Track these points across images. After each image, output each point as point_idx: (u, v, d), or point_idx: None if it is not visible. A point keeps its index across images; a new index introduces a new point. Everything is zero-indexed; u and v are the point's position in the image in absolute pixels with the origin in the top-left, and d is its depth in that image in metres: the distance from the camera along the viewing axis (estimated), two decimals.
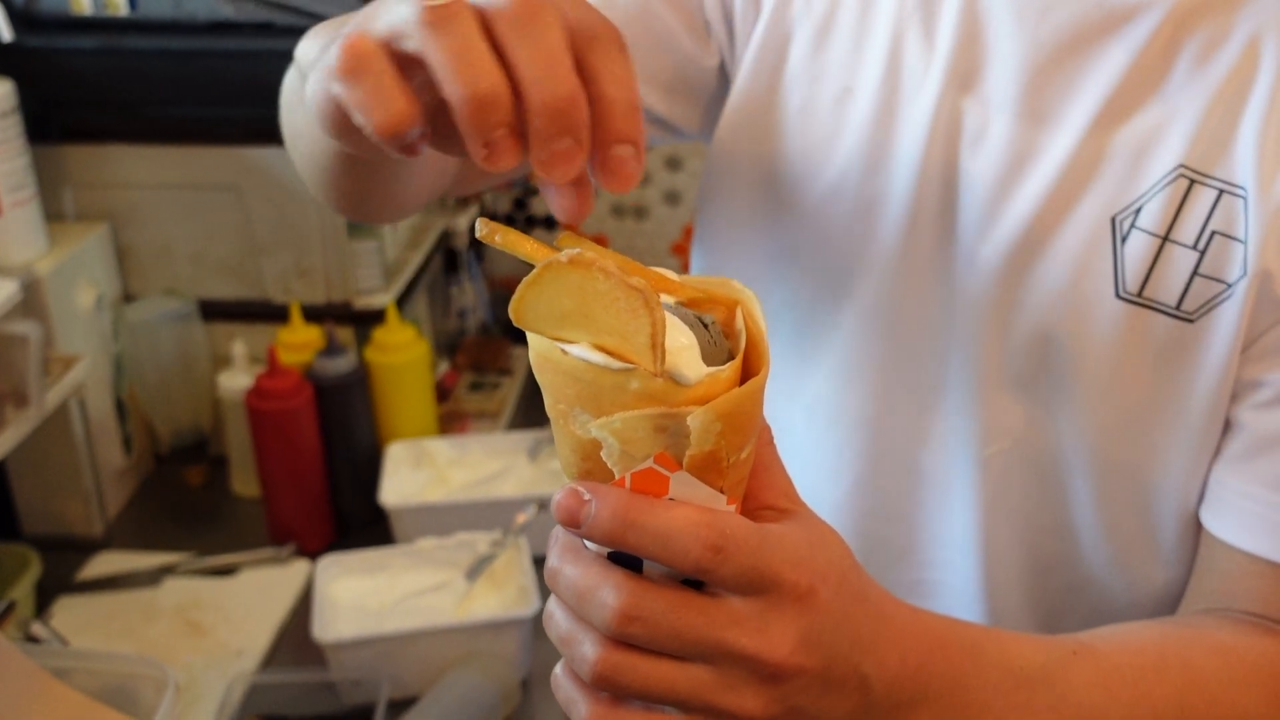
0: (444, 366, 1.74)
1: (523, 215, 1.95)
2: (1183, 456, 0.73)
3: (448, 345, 1.84)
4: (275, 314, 1.51)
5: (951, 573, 0.83)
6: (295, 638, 1.29)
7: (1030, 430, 0.76)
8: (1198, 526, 0.75)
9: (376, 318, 1.50)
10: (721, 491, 0.50)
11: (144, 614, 1.33)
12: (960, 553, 0.82)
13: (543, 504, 1.35)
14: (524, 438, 1.50)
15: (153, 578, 1.38)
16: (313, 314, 1.49)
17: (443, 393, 1.68)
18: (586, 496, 0.49)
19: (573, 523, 0.50)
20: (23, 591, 1.27)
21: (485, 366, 1.79)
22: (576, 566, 0.52)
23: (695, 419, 0.47)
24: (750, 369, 0.50)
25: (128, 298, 1.53)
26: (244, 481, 1.53)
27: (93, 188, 1.49)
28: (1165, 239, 0.69)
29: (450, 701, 1.15)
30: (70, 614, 1.32)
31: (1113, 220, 0.71)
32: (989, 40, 0.74)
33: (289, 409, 1.37)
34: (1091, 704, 0.62)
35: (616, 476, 0.49)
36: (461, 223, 1.77)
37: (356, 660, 1.19)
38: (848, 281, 0.80)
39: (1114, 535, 0.77)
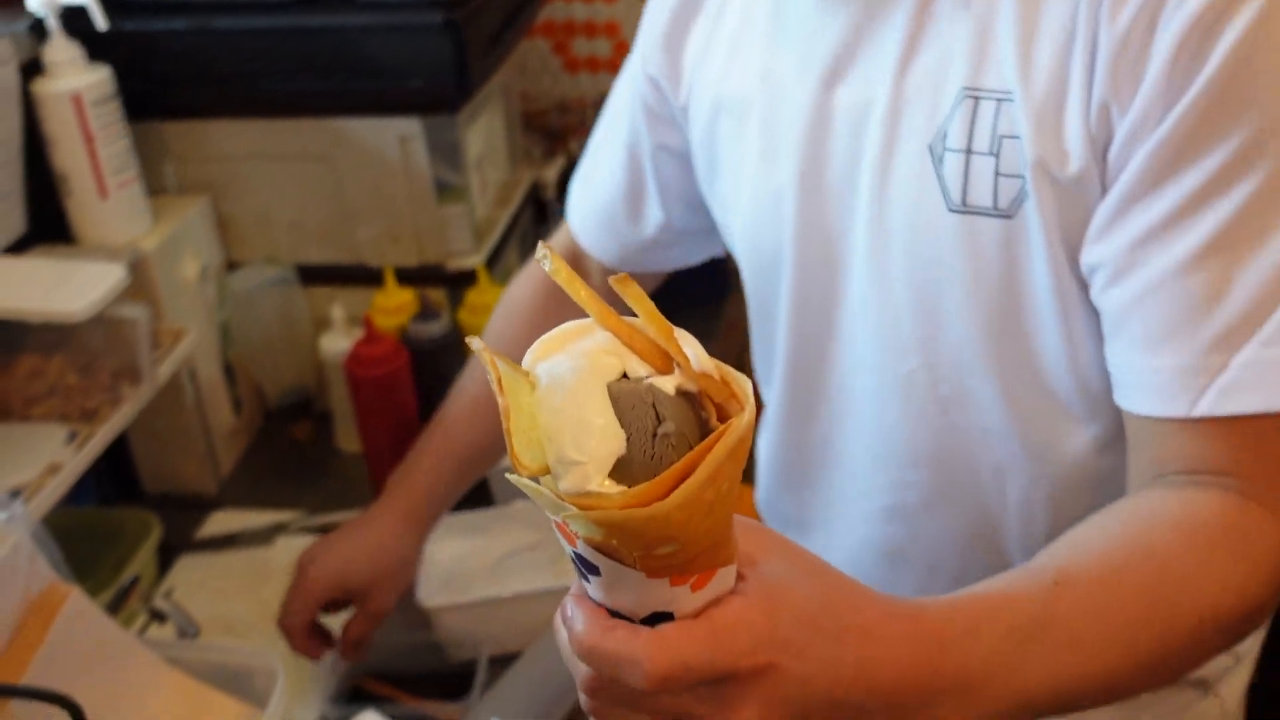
0: None
1: None
2: (1055, 338, 0.81)
3: None
4: (371, 277, 1.56)
5: (892, 477, 0.92)
6: (401, 595, 1.35)
7: (931, 345, 0.85)
8: (1099, 391, 0.82)
9: (469, 279, 1.54)
10: (637, 569, 0.52)
11: (258, 573, 1.40)
12: (898, 462, 0.91)
13: None
14: None
15: (266, 536, 1.45)
16: (406, 276, 1.53)
17: None
18: (569, 614, 0.57)
19: (564, 626, 0.58)
20: (145, 558, 1.35)
21: (575, 315, 1.82)
22: (561, 632, 0.59)
23: (570, 518, 0.50)
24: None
25: (230, 266, 1.58)
26: (348, 437, 1.59)
27: (192, 161, 1.54)
28: (968, 152, 0.79)
29: (549, 660, 1.21)
30: (190, 573, 1.40)
31: (929, 147, 0.80)
32: (792, 36, 0.88)
33: (386, 375, 1.42)
34: (1082, 631, 0.67)
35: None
36: (549, 174, 1.79)
37: (458, 620, 1.25)
38: (777, 264, 0.92)
39: (1023, 421, 0.85)
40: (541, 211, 1.83)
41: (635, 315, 0.52)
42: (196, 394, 1.49)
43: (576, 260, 1.18)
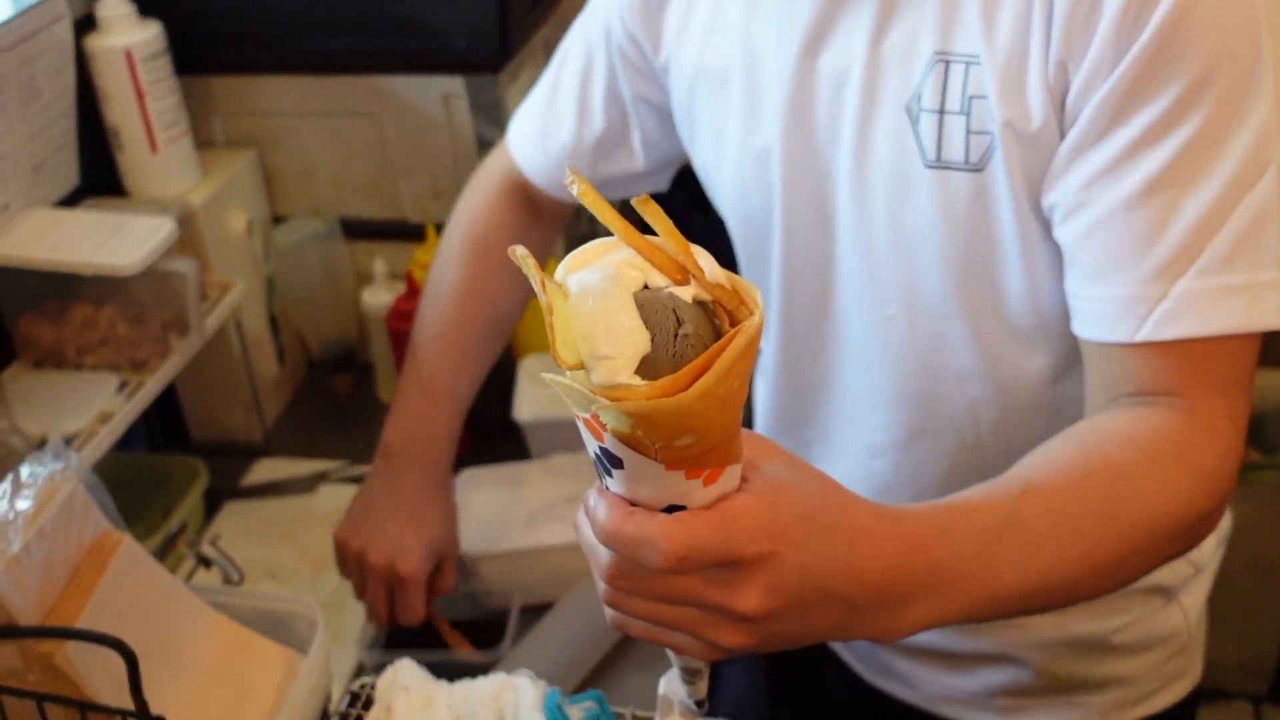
0: None
1: None
2: (1019, 277, 0.88)
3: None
4: (413, 232, 1.59)
5: (877, 416, 0.99)
6: None
7: (910, 291, 0.92)
8: (1058, 325, 0.89)
9: None
10: (657, 460, 0.57)
11: (301, 520, 1.45)
12: (883, 401, 0.98)
13: None
14: None
15: (308, 484, 1.50)
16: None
17: None
18: (591, 504, 0.62)
19: (587, 518, 0.63)
20: (192, 503, 1.39)
21: None
22: (583, 526, 0.64)
23: (601, 409, 0.55)
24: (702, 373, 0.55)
25: (275, 220, 1.61)
26: (388, 388, 1.62)
27: (240, 116, 1.57)
28: (942, 112, 0.85)
29: (580, 612, 1.24)
30: (235, 519, 1.45)
31: (906, 108, 0.87)
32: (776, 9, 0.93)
33: None
34: (1047, 531, 0.73)
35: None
36: None
37: (493, 570, 1.29)
38: (768, 223, 0.98)
39: (993, 361, 0.93)
40: None
41: (655, 234, 0.57)
42: (243, 345, 1.53)
43: (511, 181, 1.22)
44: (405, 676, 0.94)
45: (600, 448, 0.59)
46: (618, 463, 0.59)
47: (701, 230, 2.02)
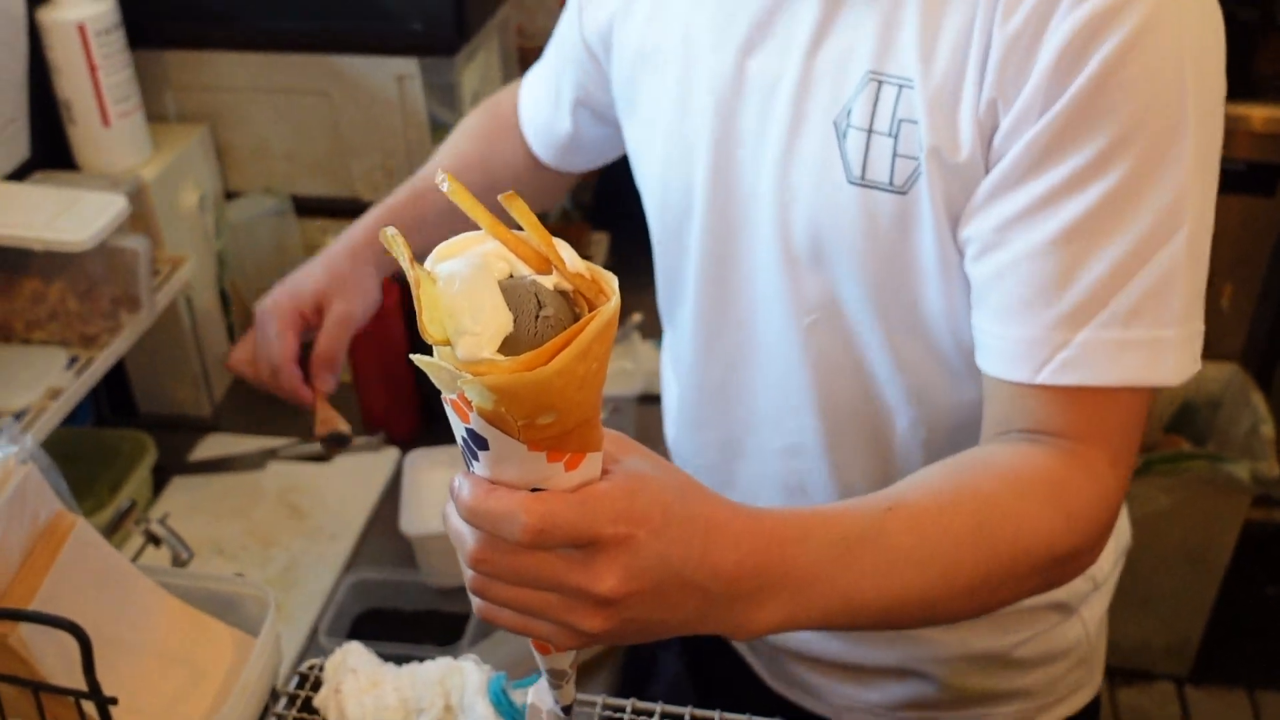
0: None
1: None
2: (938, 303, 0.88)
3: None
4: (364, 210, 1.58)
5: (800, 430, 0.99)
6: (386, 523, 1.41)
7: (830, 300, 0.92)
8: (973, 348, 0.89)
9: None
10: (520, 440, 0.60)
11: (250, 496, 1.46)
12: (800, 404, 0.98)
13: (617, 406, 1.44)
14: None
15: (257, 461, 1.50)
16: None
17: None
18: (456, 485, 0.65)
19: (452, 500, 0.65)
20: (140, 478, 1.40)
21: None
22: (450, 513, 0.67)
23: (466, 384, 0.57)
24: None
25: (228, 195, 1.61)
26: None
27: (193, 90, 1.57)
28: (870, 131, 0.85)
29: None
30: (183, 494, 1.46)
31: (834, 123, 0.87)
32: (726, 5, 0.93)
33: (379, 310, 1.46)
34: (907, 548, 0.76)
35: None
36: None
37: (441, 549, 1.30)
38: (688, 213, 0.98)
39: (911, 377, 0.93)
40: None
41: (522, 229, 0.60)
42: (193, 320, 1.53)
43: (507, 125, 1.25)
44: (354, 659, 0.95)
45: (467, 429, 0.61)
46: (483, 444, 0.61)
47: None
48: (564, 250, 0.60)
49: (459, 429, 0.62)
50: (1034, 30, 0.78)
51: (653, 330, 1.62)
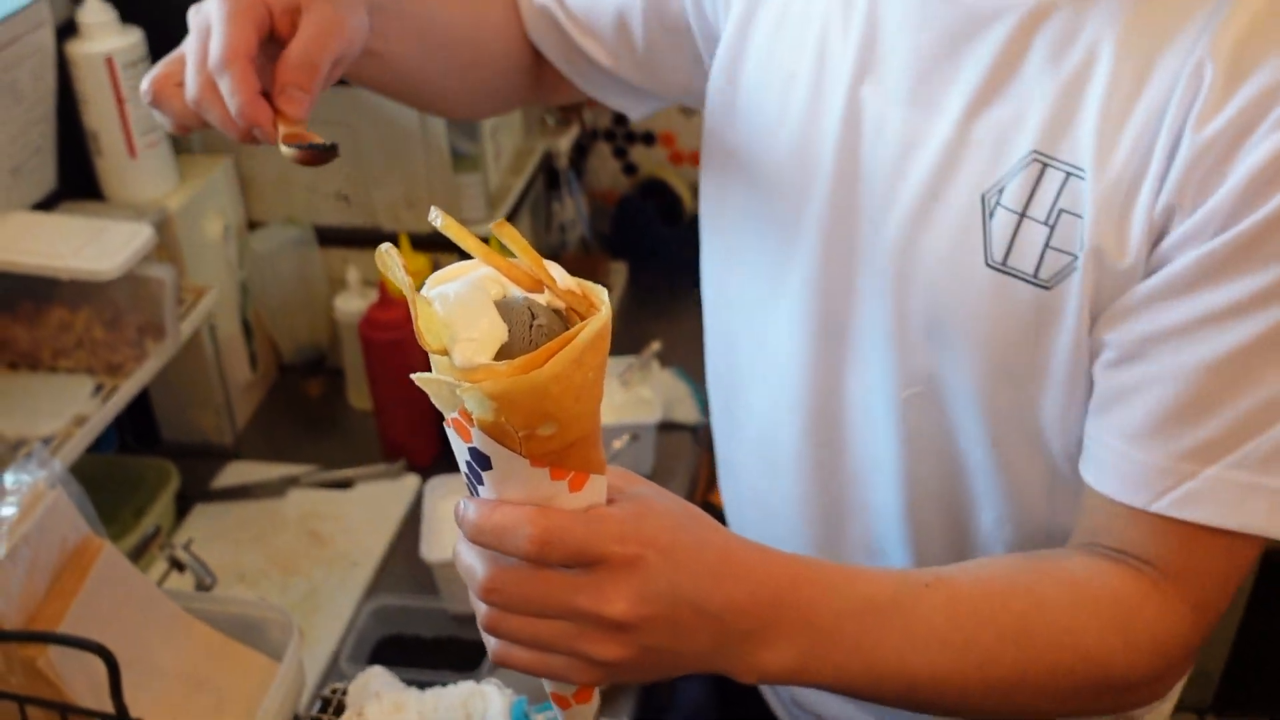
0: None
1: (623, 131, 2.01)
2: (1056, 405, 0.82)
3: (549, 258, 1.91)
4: (386, 240, 1.60)
5: (877, 493, 0.94)
6: (406, 550, 1.41)
7: (936, 377, 0.86)
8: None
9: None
10: (522, 454, 0.60)
11: (271, 523, 1.47)
12: (885, 477, 0.93)
13: (635, 434, 1.45)
14: (615, 363, 1.57)
15: (278, 488, 1.51)
16: (420, 242, 1.58)
17: None
18: (461, 509, 0.64)
19: (457, 523, 0.65)
20: (164, 505, 1.41)
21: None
22: (460, 548, 0.66)
23: (464, 392, 0.58)
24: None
25: (251, 225, 1.63)
26: (359, 394, 1.64)
27: None
28: (1023, 215, 0.78)
29: None
30: (205, 522, 1.46)
31: (982, 198, 0.80)
32: (885, 36, 0.84)
33: (399, 338, 1.48)
34: (938, 628, 0.72)
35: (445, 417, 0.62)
36: (563, 143, 1.84)
37: (459, 576, 1.31)
38: (790, 251, 0.92)
39: (1009, 474, 0.87)
40: (554, 179, 1.88)
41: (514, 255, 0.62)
42: (216, 349, 1.54)
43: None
44: (377, 683, 0.96)
45: (470, 450, 0.62)
46: (486, 463, 0.62)
47: (668, 242, 2.04)
48: (554, 270, 0.62)
49: (462, 453, 0.63)
50: (1230, 142, 0.71)
51: (671, 358, 1.63)
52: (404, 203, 1.60)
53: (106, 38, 1.39)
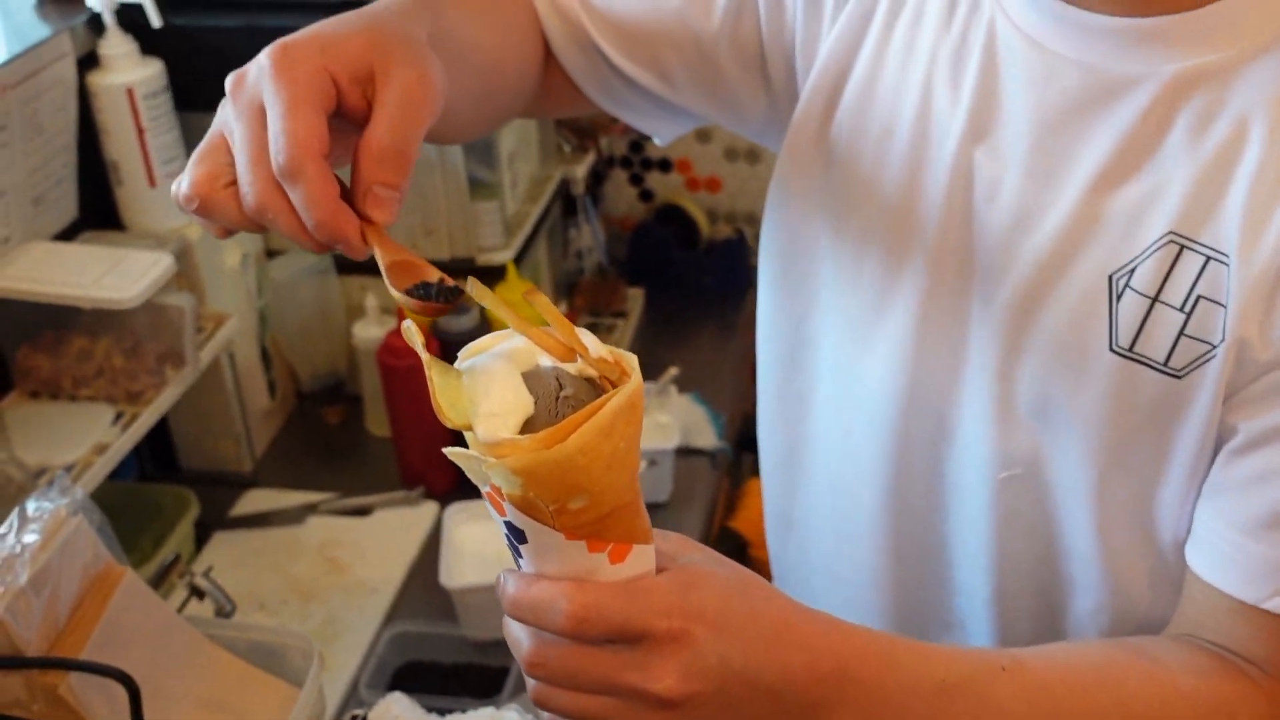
0: (563, 308, 1.83)
1: (639, 157, 2.02)
2: (1175, 495, 0.77)
3: (566, 285, 1.93)
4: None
5: (962, 570, 0.89)
6: (426, 577, 1.41)
7: (1039, 460, 0.80)
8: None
9: (498, 274, 1.59)
10: (555, 528, 0.58)
11: (290, 551, 1.47)
12: (973, 555, 0.87)
13: (653, 460, 1.45)
14: None
15: (297, 515, 1.52)
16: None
17: None
18: (500, 582, 0.62)
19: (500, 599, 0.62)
20: (183, 533, 1.41)
21: (601, 308, 1.88)
22: (508, 622, 0.63)
23: (489, 468, 0.56)
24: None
25: (270, 253, 1.64)
26: (377, 422, 1.65)
27: None
28: (1155, 299, 0.73)
29: None
30: (224, 549, 1.47)
31: (1110, 278, 0.74)
32: (1003, 97, 0.78)
33: (417, 365, 1.47)
34: (1013, 715, 0.69)
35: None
36: (579, 170, 1.85)
37: (480, 602, 1.31)
38: (881, 312, 0.85)
39: (1112, 562, 0.81)
40: (570, 206, 1.89)
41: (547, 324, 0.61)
42: (235, 376, 1.55)
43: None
44: (397, 709, 0.96)
45: (505, 523, 0.60)
46: (521, 537, 0.60)
47: (685, 267, 2.04)
48: (587, 338, 0.60)
49: (500, 524, 0.62)
50: None
51: (688, 383, 1.63)
52: (422, 230, 1.61)
53: (127, 69, 1.40)
